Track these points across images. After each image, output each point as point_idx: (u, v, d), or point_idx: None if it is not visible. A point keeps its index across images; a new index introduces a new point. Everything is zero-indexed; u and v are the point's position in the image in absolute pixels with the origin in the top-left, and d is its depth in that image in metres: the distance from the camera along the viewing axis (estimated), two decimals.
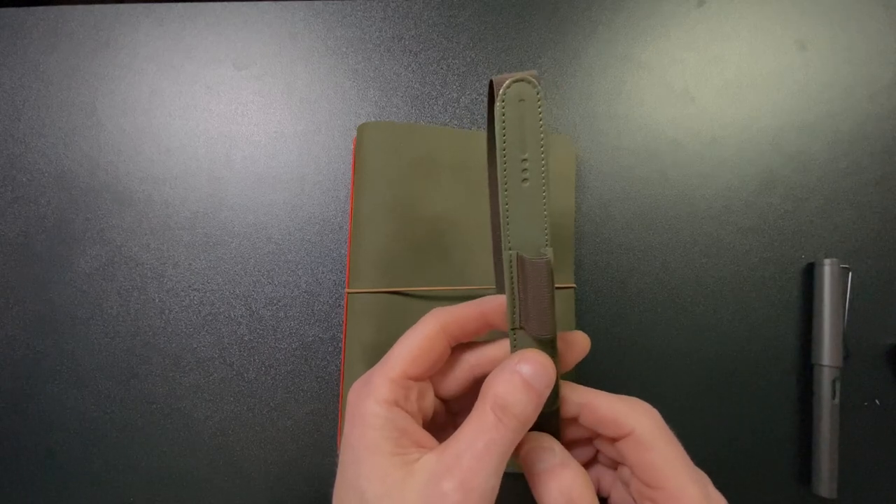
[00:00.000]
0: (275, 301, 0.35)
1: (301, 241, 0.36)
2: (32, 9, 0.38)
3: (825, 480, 0.32)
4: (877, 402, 0.35)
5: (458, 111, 0.37)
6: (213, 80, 0.37)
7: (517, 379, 0.19)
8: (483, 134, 0.35)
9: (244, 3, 0.38)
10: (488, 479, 0.17)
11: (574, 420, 0.22)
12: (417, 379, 0.21)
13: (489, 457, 0.18)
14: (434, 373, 0.22)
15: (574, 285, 0.34)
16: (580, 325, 0.35)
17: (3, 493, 0.35)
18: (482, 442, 0.18)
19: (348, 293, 0.32)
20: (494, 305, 0.21)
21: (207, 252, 0.36)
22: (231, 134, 0.37)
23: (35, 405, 0.35)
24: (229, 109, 0.37)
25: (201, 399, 0.35)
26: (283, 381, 0.35)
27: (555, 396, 0.21)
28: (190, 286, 0.36)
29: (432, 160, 0.33)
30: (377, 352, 0.31)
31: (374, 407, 0.19)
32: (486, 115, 0.37)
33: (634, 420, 0.20)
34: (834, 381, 0.33)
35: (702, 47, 0.37)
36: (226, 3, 0.38)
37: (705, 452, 0.23)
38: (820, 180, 0.36)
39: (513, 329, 0.20)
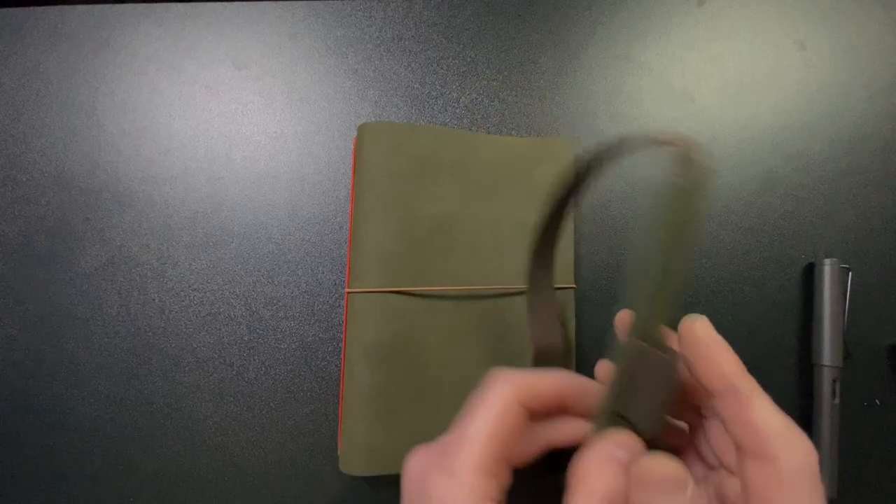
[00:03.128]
0: (275, 301, 0.35)
1: (301, 241, 0.36)
2: (32, 9, 0.38)
3: (825, 480, 0.32)
4: (877, 402, 0.35)
5: (458, 111, 0.37)
6: (213, 80, 0.37)
7: (615, 465, 0.18)
8: (483, 135, 0.35)
9: (244, 3, 0.38)
10: None
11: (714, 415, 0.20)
12: (502, 462, 0.19)
13: None
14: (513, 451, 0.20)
15: (574, 285, 0.34)
16: (580, 325, 0.35)
17: (3, 493, 0.35)
18: None
19: (348, 293, 0.32)
20: (573, 387, 0.20)
21: (207, 252, 0.36)
22: (231, 134, 0.37)
23: (35, 405, 0.35)
24: (229, 109, 0.37)
25: (201, 399, 0.35)
26: (283, 381, 0.35)
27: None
28: (190, 286, 0.36)
29: (433, 160, 0.33)
30: (377, 352, 0.31)
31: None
32: (486, 115, 0.37)
33: (788, 450, 0.17)
34: (834, 381, 0.33)
35: (702, 47, 0.37)
36: (226, 3, 0.38)
37: None
38: (820, 180, 0.36)
39: (607, 413, 0.20)
